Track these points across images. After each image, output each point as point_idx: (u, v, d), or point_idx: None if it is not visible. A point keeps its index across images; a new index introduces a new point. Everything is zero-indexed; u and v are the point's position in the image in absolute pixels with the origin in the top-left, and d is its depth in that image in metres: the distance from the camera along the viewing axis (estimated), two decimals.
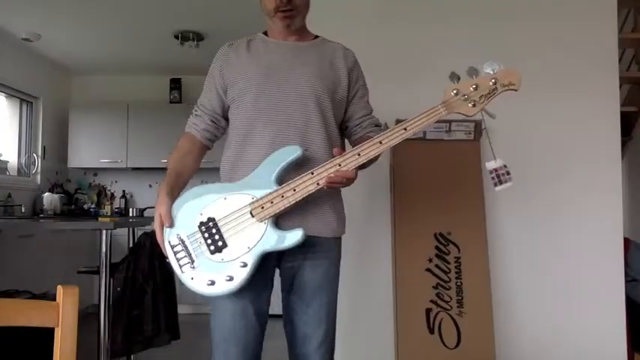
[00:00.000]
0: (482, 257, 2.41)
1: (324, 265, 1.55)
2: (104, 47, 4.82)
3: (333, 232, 1.57)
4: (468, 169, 2.49)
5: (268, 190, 1.43)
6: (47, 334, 0.96)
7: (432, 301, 2.36)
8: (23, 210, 4.66)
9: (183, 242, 1.45)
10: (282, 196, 1.41)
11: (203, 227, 1.45)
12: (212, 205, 1.46)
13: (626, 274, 2.59)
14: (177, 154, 1.62)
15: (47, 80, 5.28)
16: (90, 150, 5.31)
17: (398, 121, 2.47)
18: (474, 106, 1.37)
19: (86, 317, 2.49)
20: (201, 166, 1.67)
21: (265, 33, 1.69)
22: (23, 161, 5.02)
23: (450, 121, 2.47)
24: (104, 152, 5.33)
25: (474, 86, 1.36)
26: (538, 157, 2.58)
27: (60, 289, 0.96)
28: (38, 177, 5.11)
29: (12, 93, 4.87)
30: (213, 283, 1.42)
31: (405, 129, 1.39)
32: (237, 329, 1.49)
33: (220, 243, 1.43)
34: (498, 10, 2.63)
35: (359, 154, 1.41)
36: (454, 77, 1.37)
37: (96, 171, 5.66)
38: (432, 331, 2.34)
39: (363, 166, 1.47)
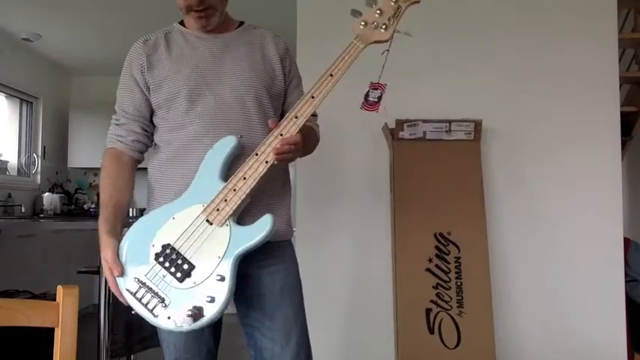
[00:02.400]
0: (482, 257, 2.41)
1: (281, 271, 1.42)
2: (104, 47, 4.81)
3: (286, 235, 1.46)
4: (468, 169, 2.49)
5: (217, 190, 1.30)
6: (47, 334, 0.96)
7: (432, 301, 2.36)
8: (23, 210, 4.66)
9: (144, 284, 1.28)
10: (234, 189, 1.28)
11: (161, 258, 1.28)
12: (161, 230, 1.31)
13: (626, 274, 2.59)
14: (107, 180, 1.43)
15: (47, 80, 5.28)
16: (90, 150, 5.30)
17: (398, 122, 2.48)
18: (385, 29, 1.32)
19: (86, 317, 2.48)
20: None
21: (182, 23, 1.51)
22: (23, 161, 5.02)
23: (450, 121, 2.48)
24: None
25: (378, 12, 1.33)
26: (538, 157, 2.58)
27: (60, 289, 0.96)
28: (38, 177, 5.11)
29: (12, 93, 4.87)
30: (193, 313, 1.25)
31: (332, 75, 1.31)
32: (191, 348, 1.42)
33: (186, 266, 1.27)
34: (498, 10, 2.63)
35: (296, 117, 1.30)
36: (356, 13, 1.34)
37: (96, 171, 5.63)
38: (432, 331, 2.34)
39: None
